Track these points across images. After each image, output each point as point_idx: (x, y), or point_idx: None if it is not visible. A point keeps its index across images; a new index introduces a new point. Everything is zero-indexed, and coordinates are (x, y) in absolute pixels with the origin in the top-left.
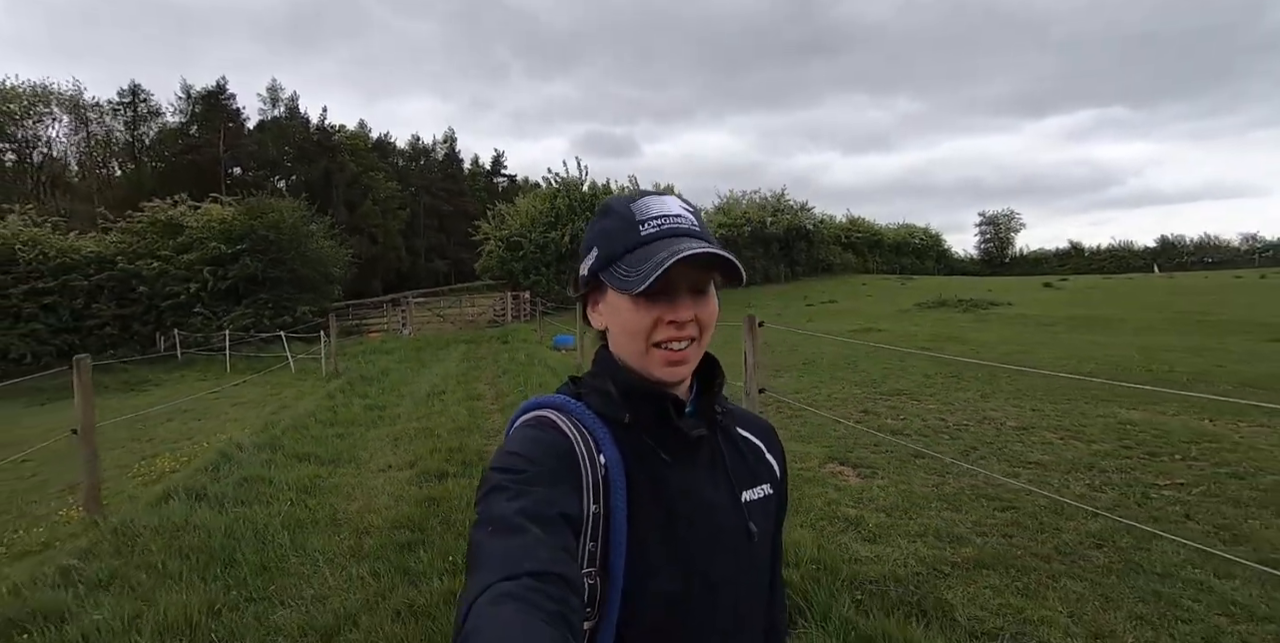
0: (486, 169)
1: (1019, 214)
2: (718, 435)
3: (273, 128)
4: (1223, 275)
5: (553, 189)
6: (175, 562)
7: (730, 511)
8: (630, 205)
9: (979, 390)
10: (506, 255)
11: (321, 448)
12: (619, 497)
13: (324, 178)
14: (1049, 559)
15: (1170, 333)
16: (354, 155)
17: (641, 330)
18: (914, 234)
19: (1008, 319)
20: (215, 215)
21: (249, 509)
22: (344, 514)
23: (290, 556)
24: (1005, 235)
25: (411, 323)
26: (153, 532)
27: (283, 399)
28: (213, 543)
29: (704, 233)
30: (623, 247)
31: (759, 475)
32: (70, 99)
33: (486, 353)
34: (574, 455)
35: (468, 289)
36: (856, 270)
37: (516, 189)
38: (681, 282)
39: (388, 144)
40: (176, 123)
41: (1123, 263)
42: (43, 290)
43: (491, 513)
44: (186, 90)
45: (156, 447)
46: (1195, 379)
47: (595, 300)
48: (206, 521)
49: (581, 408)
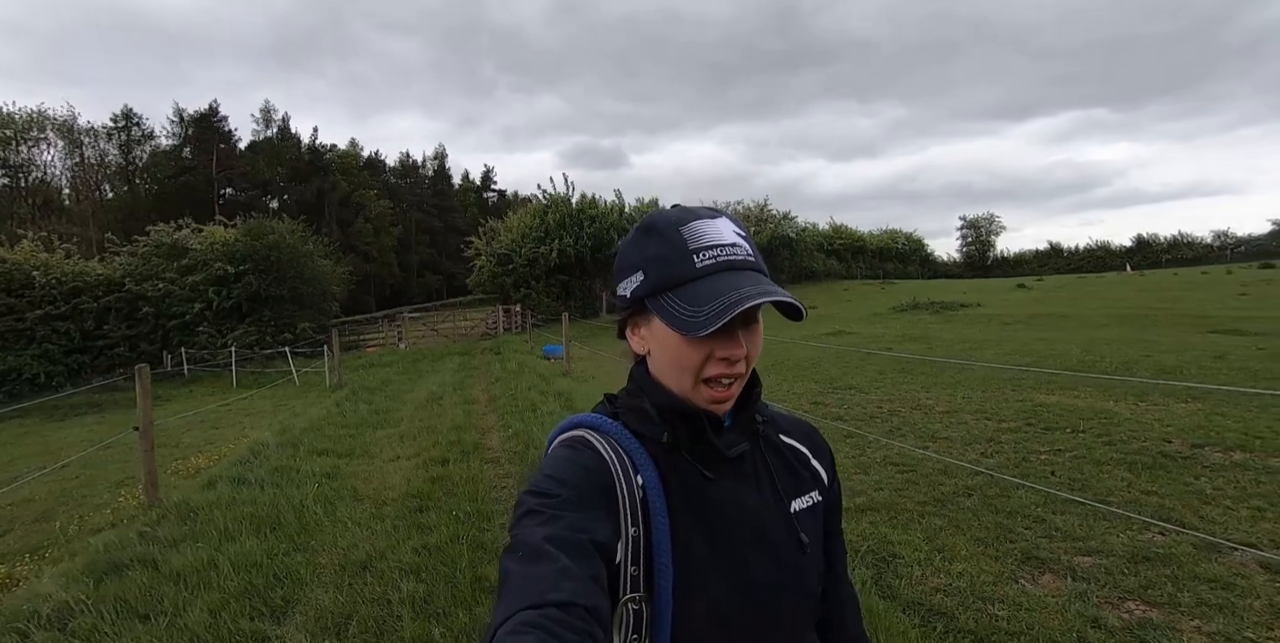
0: (477, 184)
1: (999, 217)
2: (760, 446)
3: (265, 148)
4: (1192, 272)
5: (541, 205)
6: (233, 525)
7: (780, 523)
8: (680, 229)
9: (923, 383)
10: (497, 270)
11: (336, 445)
12: (660, 518)
13: (317, 197)
14: (925, 504)
15: (1116, 328)
16: (345, 174)
17: (692, 367)
18: (897, 239)
19: (972, 319)
20: (218, 237)
21: (283, 490)
22: (363, 491)
23: (324, 520)
24: (986, 238)
25: (407, 337)
26: (209, 505)
27: (292, 409)
28: (259, 512)
29: (759, 264)
30: (675, 277)
31: (806, 483)
32: (64, 124)
33: (480, 363)
34: (610, 478)
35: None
36: (840, 276)
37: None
38: (737, 319)
39: (379, 162)
40: (169, 145)
41: (1100, 263)
42: (55, 314)
43: (522, 539)
44: (179, 113)
45: (184, 451)
46: (1119, 368)
47: (637, 325)
48: (251, 497)
49: (619, 428)
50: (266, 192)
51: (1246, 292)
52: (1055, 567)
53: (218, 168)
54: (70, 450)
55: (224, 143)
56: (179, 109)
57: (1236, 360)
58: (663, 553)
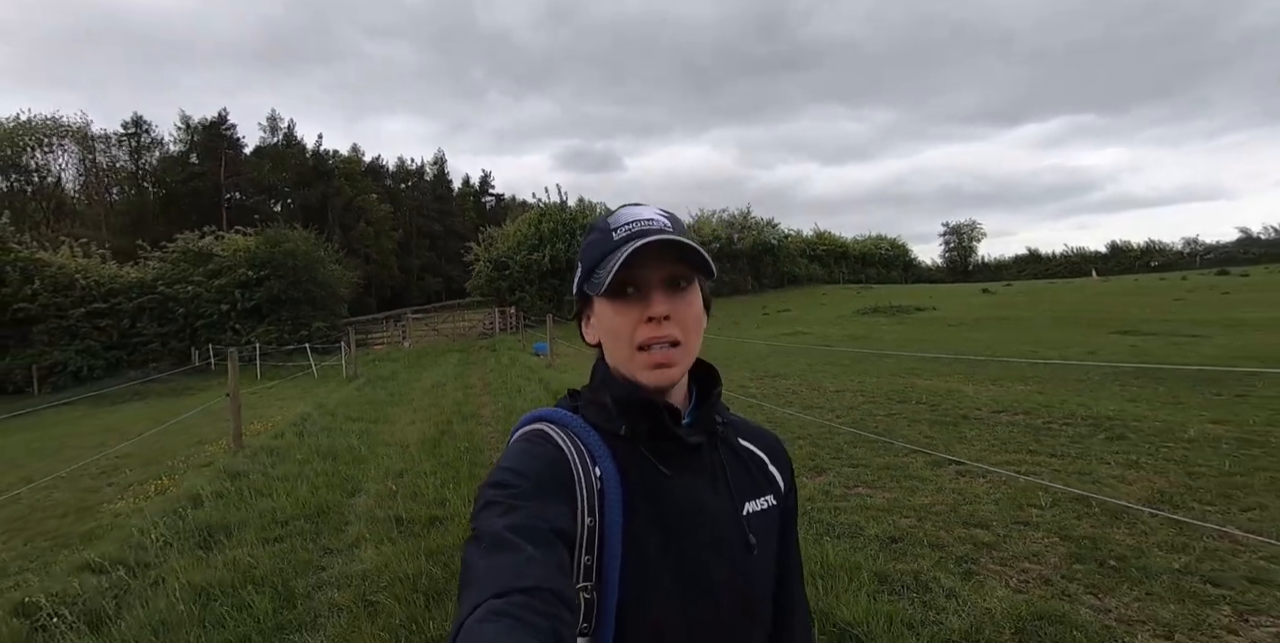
0: (475, 189)
1: (980, 224)
2: (718, 446)
3: (271, 154)
4: (1151, 278)
5: (536, 214)
6: (304, 455)
7: (730, 522)
8: (607, 219)
9: (835, 372)
10: (494, 275)
11: (364, 414)
12: (615, 510)
13: (320, 202)
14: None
15: (1042, 329)
16: (348, 179)
17: (624, 333)
18: (880, 245)
19: (922, 322)
20: (240, 244)
21: (333, 438)
22: (391, 440)
23: (368, 454)
24: (968, 244)
25: (410, 336)
26: (284, 447)
27: (317, 396)
28: (321, 449)
29: (675, 231)
30: (599, 254)
31: (761, 487)
32: (79, 130)
33: (477, 359)
34: (568, 469)
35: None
36: (823, 281)
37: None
38: (653, 276)
39: (380, 168)
40: (177, 151)
41: (1076, 268)
42: (97, 312)
43: (484, 529)
44: (185, 121)
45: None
46: (993, 360)
47: (587, 316)
48: (312, 442)
49: (578, 421)
50: (272, 197)
51: (1182, 298)
52: (829, 473)
53: (225, 173)
54: (134, 428)
55: (231, 149)
56: (185, 116)
57: (1104, 356)
58: (614, 544)
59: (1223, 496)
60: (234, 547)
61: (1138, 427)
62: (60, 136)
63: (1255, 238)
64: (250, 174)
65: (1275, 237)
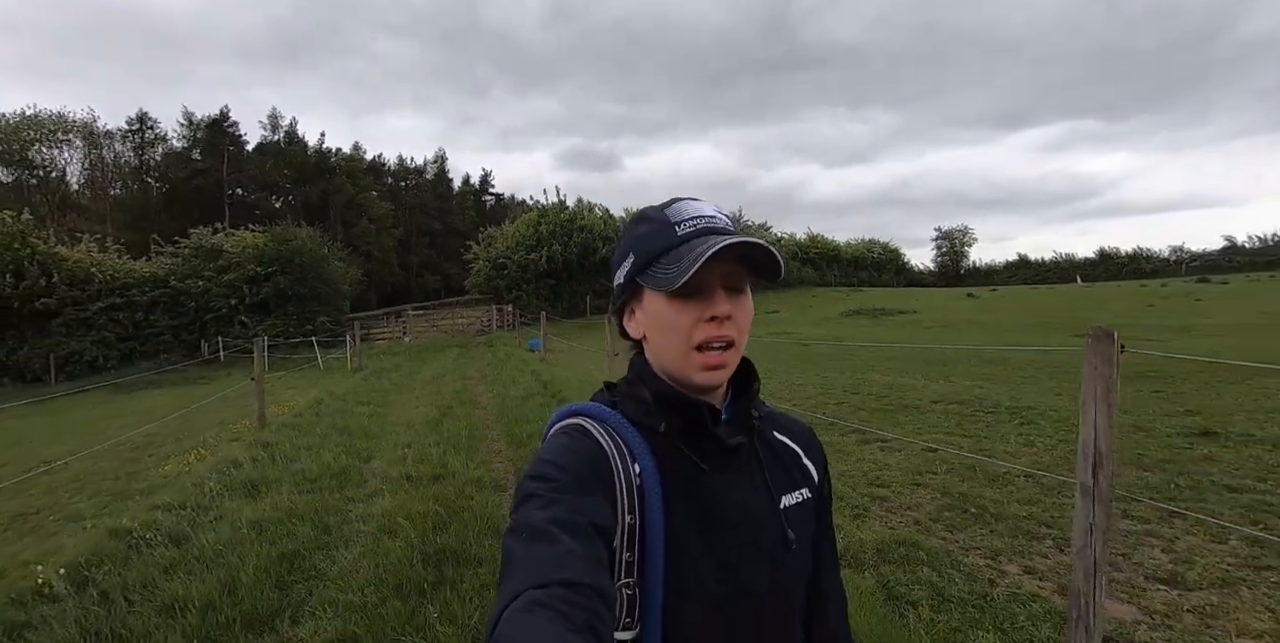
0: (475, 187)
1: (972, 229)
2: (754, 441)
3: (273, 151)
4: (1133, 285)
5: (535, 215)
6: (322, 431)
7: (769, 518)
8: (665, 210)
9: (803, 368)
10: (493, 274)
11: (372, 400)
12: (655, 507)
13: (322, 199)
14: None
15: (1011, 332)
16: (349, 177)
17: (682, 331)
18: (873, 249)
19: (899, 323)
20: (249, 242)
21: (346, 419)
22: (398, 421)
23: (377, 432)
24: (960, 249)
25: (411, 332)
26: (304, 424)
27: (326, 385)
28: (337, 426)
29: (737, 230)
30: (661, 247)
31: (797, 481)
32: (85, 126)
33: (475, 354)
34: (608, 465)
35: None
36: (815, 284)
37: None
38: (716, 279)
39: (381, 166)
40: (180, 147)
41: (1065, 274)
42: (113, 306)
43: (525, 521)
44: (188, 117)
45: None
46: (954, 357)
47: (632, 309)
48: (328, 421)
49: (617, 416)
50: (274, 193)
51: (1154, 304)
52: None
53: (228, 170)
54: (156, 411)
55: (233, 146)
56: (188, 113)
57: (1061, 355)
58: (655, 541)
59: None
60: (275, 495)
61: (1050, 415)
62: (65, 132)
63: (1240, 246)
64: (252, 171)
65: (1259, 245)
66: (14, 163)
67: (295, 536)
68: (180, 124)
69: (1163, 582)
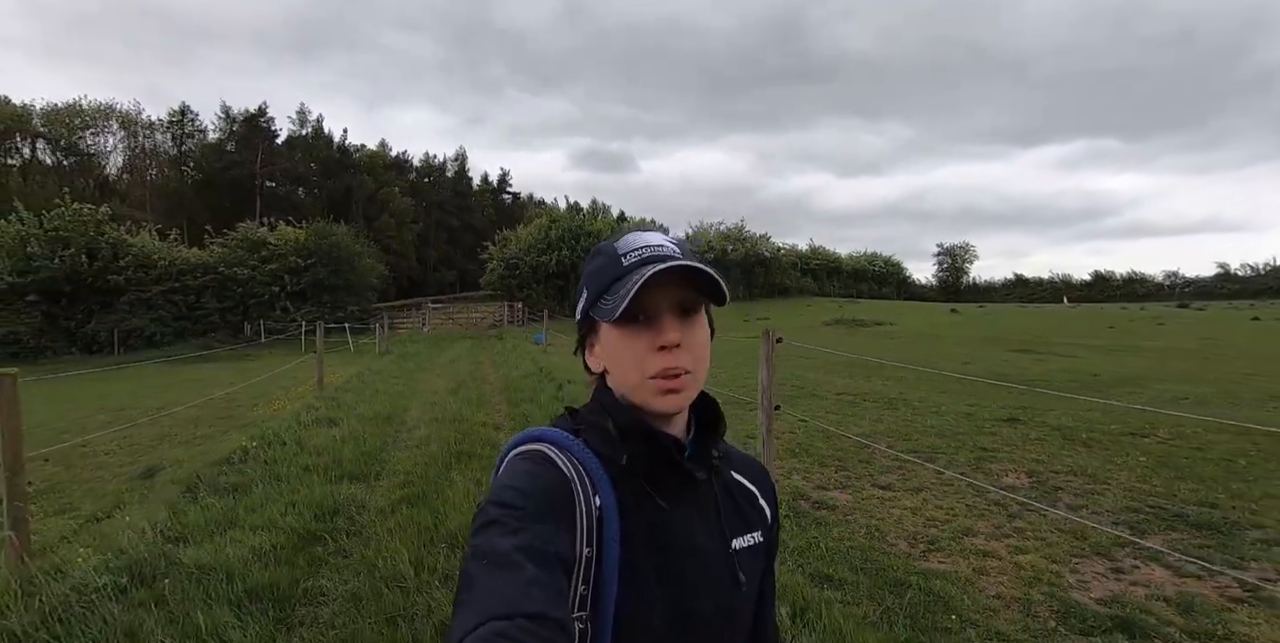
0: (494, 186)
1: (973, 246)
2: (713, 481)
3: (301, 145)
4: (1114, 307)
5: (546, 221)
6: (368, 393)
7: (720, 559)
8: (614, 244)
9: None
10: (506, 273)
11: (401, 375)
12: (612, 541)
13: (345, 193)
14: None
15: (963, 345)
16: (372, 172)
17: (634, 361)
18: (874, 262)
19: (874, 334)
20: (290, 236)
21: (384, 385)
22: (423, 389)
23: (410, 394)
24: (960, 265)
25: (429, 323)
26: (354, 388)
27: (360, 364)
28: (380, 389)
29: (684, 257)
30: (609, 279)
31: (751, 523)
32: (128, 116)
33: (486, 345)
34: (570, 495)
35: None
36: (813, 294)
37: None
38: (663, 303)
39: (404, 162)
40: (216, 139)
41: (1060, 294)
42: (170, 289)
43: (488, 547)
44: (225, 110)
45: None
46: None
47: (591, 343)
48: (371, 386)
49: (580, 446)
50: (301, 186)
51: (1114, 326)
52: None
53: (260, 163)
54: (219, 380)
55: (267, 140)
56: (225, 106)
57: (980, 364)
58: (610, 575)
59: (937, 437)
60: (347, 426)
61: (919, 406)
62: (107, 119)
63: (1233, 274)
64: (283, 165)
65: (1251, 274)
66: (62, 149)
67: (368, 441)
68: (218, 116)
69: (882, 487)
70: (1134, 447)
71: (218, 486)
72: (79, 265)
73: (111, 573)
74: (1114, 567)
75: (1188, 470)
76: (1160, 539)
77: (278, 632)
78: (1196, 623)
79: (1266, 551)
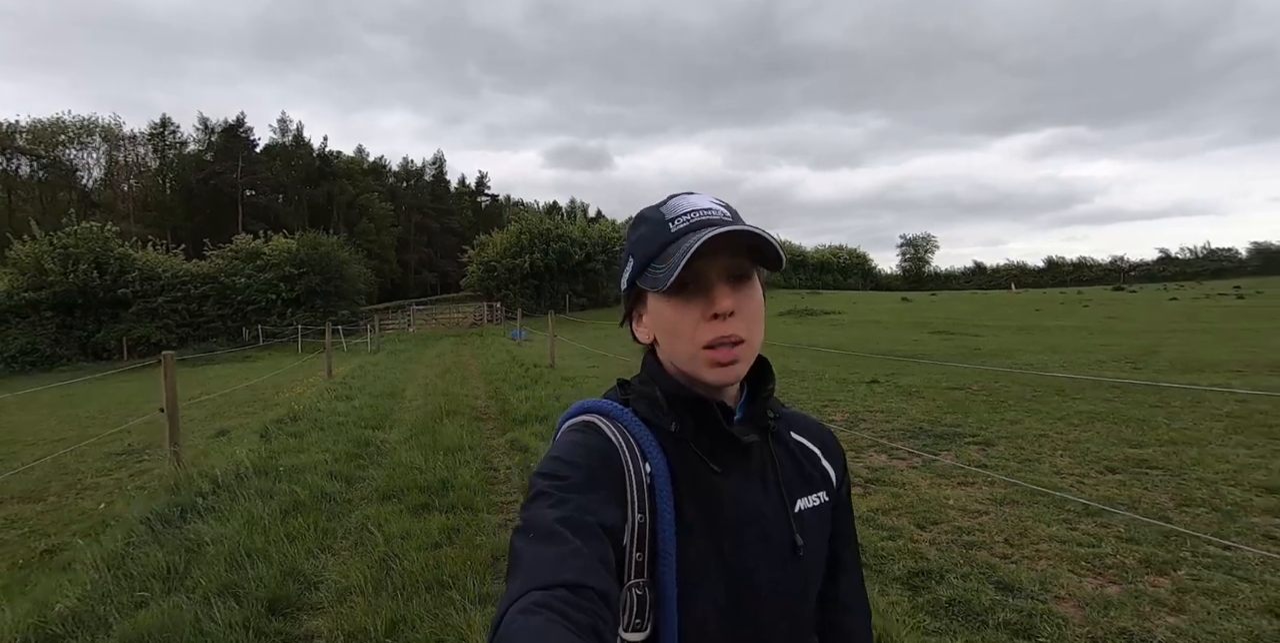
0: (471, 188)
1: (935, 236)
2: (769, 442)
3: (281, 154)
4: (1054, 291)
5: (516, 228)
6: (370, 380)
7: (779, 522)
8: (660, 209)
9: None
10: (484, 275)
11: (394, 367)
12: (665, 507)
13: (326, 200)
14: None
15: (894, 329)
16: (351, 179)
17: (686, 331)
18: (839, 255)
19: (821, 322)
20: (283, 246)
21: (382, 374)
22: (416, 376)
23: (405, 379)
24: (923, 255)
25: (414, 323)
26: (357, 376)
27: (355, 361)
28: (380, 377)
29: (736, 221)
30: (657, 246)
31: (813, 483)
32: (109, 130)
33: (467, 342)
34: (619, 464)
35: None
36: (779, 286)
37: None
38: (716, 273)
39: (382, 168)
40: (195, 150)
41: (1016, 280)
42: (174, 298)
43: (532, 519)
44: (204, 121)
45: (310, 373)
46: (814, 348)
47: (639, 313)
48: (373, 374)
49: (629, 415)
50: (282, 194)
51: (1041, 308)
52: None
53: (241, 173)
54: (230, 378)
55: (247, 150)
56: (203, 118)
57: (905, 346)
58: (667, 541)
59: (801, 394)
60: (359, 400)
61: (808, 375)
62: (90, 133)
63: (1173, 258)
64: (264, 174)
65: (1189, 257)
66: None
67: (380, 407)
68: (196, 128)
69: None
70: (943, 396)
71: (282, 432)
72: (90, 280)
73: (239, 471)
74: (855, 456)
75: (964, 407)
76: (902, 443)
77: (351, 488)
78: (875, 477)
79: (961, 447)
